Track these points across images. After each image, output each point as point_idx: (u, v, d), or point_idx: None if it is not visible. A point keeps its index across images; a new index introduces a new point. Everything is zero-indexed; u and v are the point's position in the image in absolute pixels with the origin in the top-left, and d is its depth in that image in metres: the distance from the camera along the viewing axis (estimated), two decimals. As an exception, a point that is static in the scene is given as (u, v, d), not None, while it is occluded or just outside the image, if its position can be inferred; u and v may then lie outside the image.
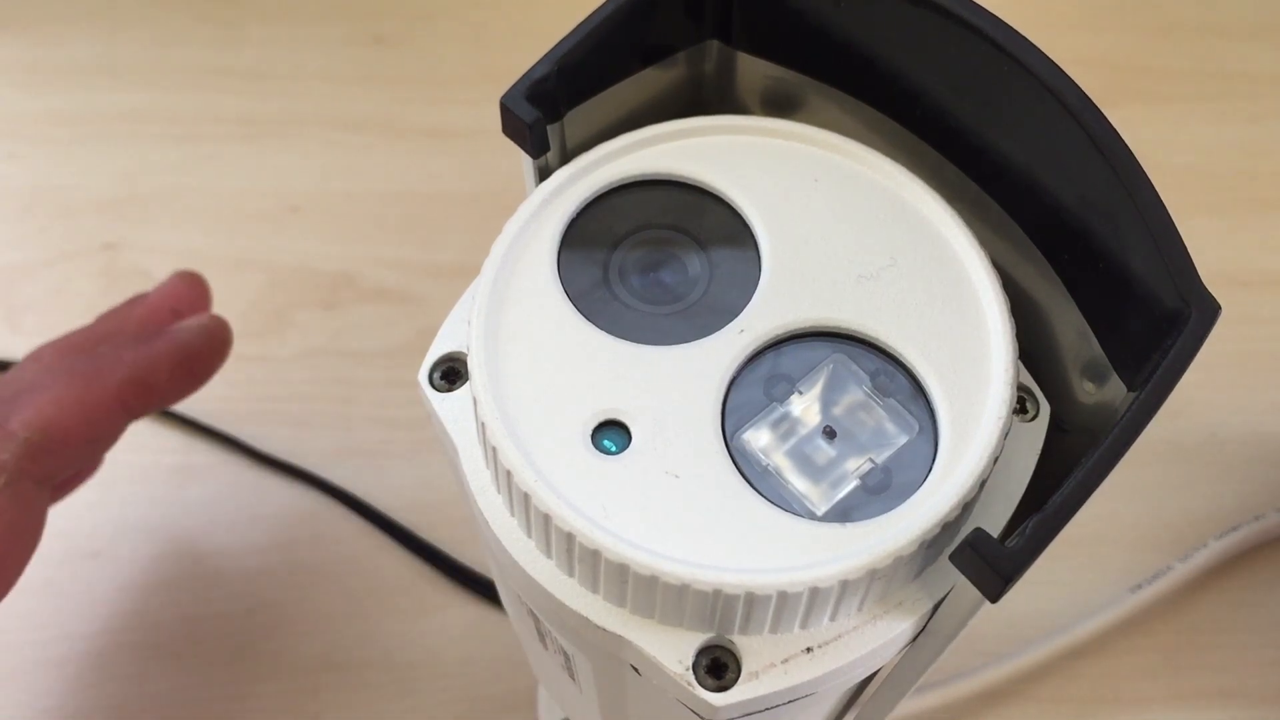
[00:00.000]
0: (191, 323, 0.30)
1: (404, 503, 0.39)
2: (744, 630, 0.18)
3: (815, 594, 0.17)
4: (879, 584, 0.18)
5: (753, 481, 0.18)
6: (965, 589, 0.17)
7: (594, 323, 0.20)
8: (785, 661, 0.18)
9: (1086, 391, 0.20)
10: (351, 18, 0.52)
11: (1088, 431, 0.20)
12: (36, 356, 0.29)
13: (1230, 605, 0.38)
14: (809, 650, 0.18)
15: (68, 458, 0.27)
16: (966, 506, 0.18)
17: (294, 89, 0.49)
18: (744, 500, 0.18)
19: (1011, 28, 0.19)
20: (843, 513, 0.18)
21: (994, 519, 0.19)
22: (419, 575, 0.38)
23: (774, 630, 0.18)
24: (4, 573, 0.26)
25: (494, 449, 0.18)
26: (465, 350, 0.20)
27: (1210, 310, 0.17)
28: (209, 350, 0.30)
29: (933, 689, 0.35)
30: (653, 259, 0.21)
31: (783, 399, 0.19)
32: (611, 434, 0.19)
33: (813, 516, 0.18)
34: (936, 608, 0.19)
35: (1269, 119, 0.50)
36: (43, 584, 0.37)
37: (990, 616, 0.18)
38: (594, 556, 0.18)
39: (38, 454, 0.26)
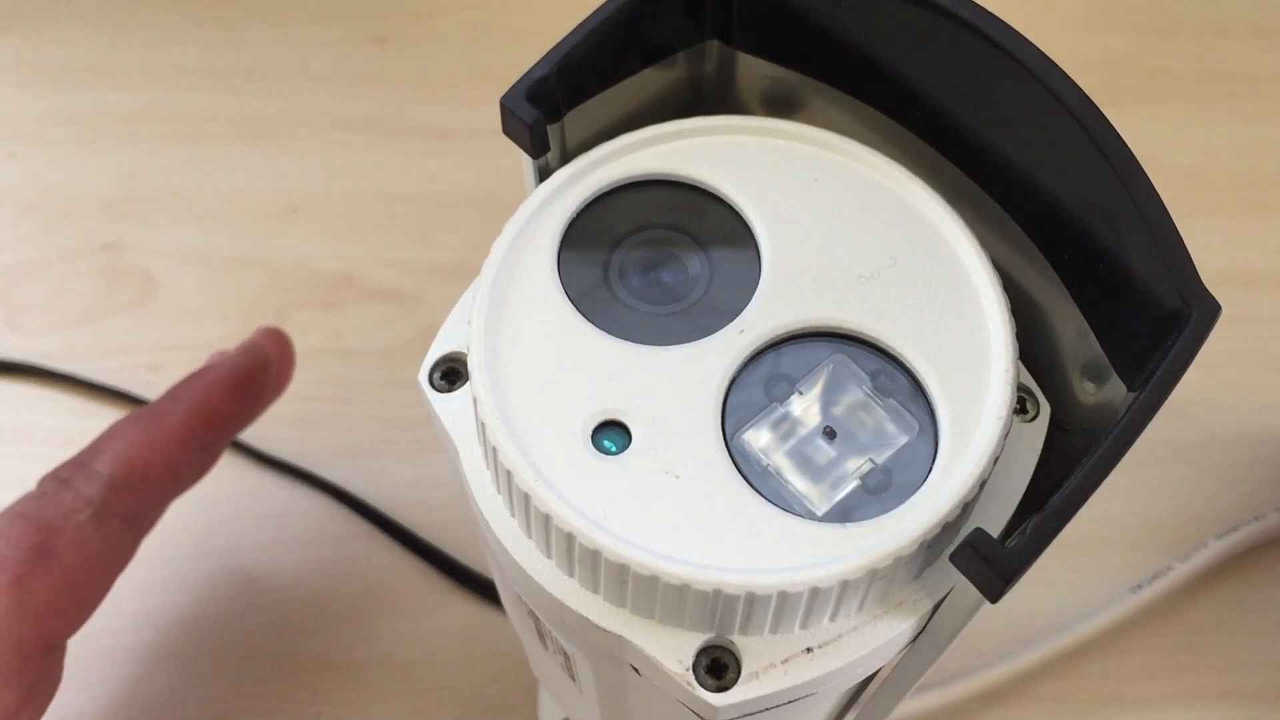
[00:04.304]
0: (239, 346, 0.32)
1: (404, 503, 0.39)
2: (744, 630, 0.18)
3: (815, 594, 0.17)
4: (879, 584, 0.18)
5: (753, 482, 0.18)
6: (965, 589, 0.17)
7: (594, 323, 0.20)
8: (785, 662, 0.18)
9: (1087, 391, 0.20)
10: (351, 18, 0.52)
11: (1088, 431, 0.20)
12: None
13: (1230, 605, 0.38)
14: (809, 650, 0.18)
15: (152, 494, 0.28)
16: (966, 507, 0.18)
17: (294, 89, 0.49)
18: (744, 500, 0.18)
19: (1011, 27, 0.19)
20: (843, 513, 0.18)
21: (994, 519, 0.19)
22: (419, 575, 0.38)
23: (774, 630, 0.18)
24: (85, 601, 0.28)
25: (494, 449, 0.18)
26: (465, 350, 0.20)
27: (1210, 310, 0.17)
28: (257, 366, 0.32)
29: (933, 689, 0.35)
30: (653, 259, 0.21)
31: (783, 399, 0.19)
32: (611, 434, 0.19)
33: (813, 517, 0.18)
34: (937, 608, 0.19)
35: (1269, 119, 0.50)
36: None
37: (990, 616, 0.18)
38: (594, 557, 0.18)
39: (122, 490, 0.28)
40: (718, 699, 0.18)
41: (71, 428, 0.37)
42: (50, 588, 0.26)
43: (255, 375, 0.32)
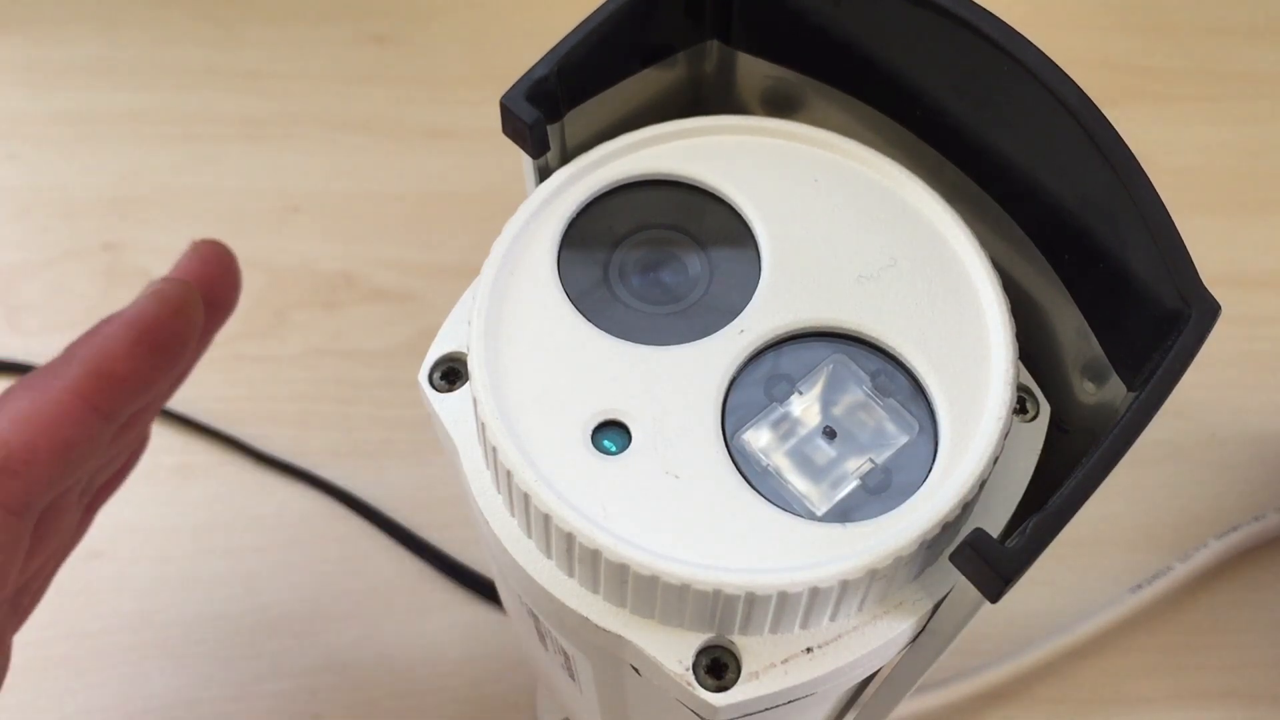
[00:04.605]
0: (145, 291, 0.26)
1: (404, 503, 0.39)
2: (744, 630, 0.18)
3: (815, 594, 0.17)
4: (879, 584, 0.18)
5: (753, 481, 0.18)
6: (965, 589, 0.17)
7: (594, 323, 0.20)
8: (785, 661, 0.18)
9: (1086, 391, 0.20)
10: (351, 18, 0.52)
11: (1088, 431, 0.20)
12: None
13: (1230, 605, 0.38)
14: (809, 650, 0.18)
15: (38, 478, 0.24)
16: (966, 507, 0.18)
17: (294, 89, 0.49)
18: (744, 500, 0.18)
19: (1011, 27, 0.19)
20: (843, 513, 0.18)
21: (994, 519, 0.19)
22: (419, 575, 0.38)
23: (774, 630, 0.18)
24: None
25: (494, 449, 0.18)
26: (465, 350, 0.20)
27: (1210, 310, 0.17)
28: (166, 317, 0.26)
29: (933, 689, 0.35)
30: (653, 259, 0.21)
31: (783, 399, 0.19)
32: (611, 434, 0.19)
33: (813, 517, 0.18)
34: (936, 608, 0.19)
35: (1269, 119, 0.50)
36: (43, 584, 0.37)
37: (990, 616, 0.18)
38: (594, 556, 0.18)
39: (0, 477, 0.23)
40: (718, 699, 0.18)
41: (71, 428, 0.37)
42: None
43: (166, 328, 0.26)
